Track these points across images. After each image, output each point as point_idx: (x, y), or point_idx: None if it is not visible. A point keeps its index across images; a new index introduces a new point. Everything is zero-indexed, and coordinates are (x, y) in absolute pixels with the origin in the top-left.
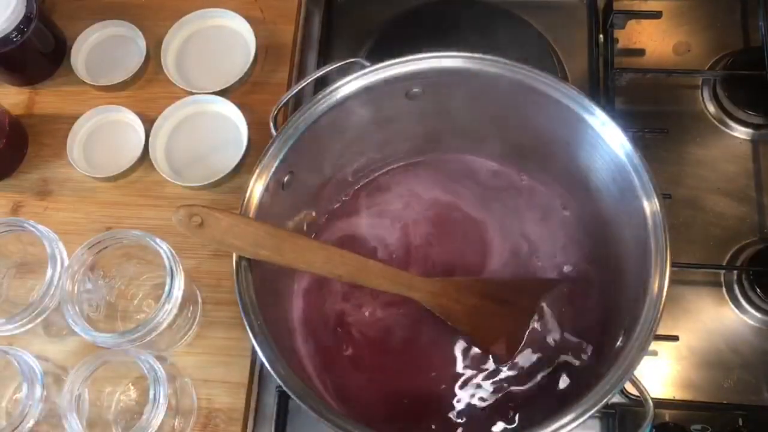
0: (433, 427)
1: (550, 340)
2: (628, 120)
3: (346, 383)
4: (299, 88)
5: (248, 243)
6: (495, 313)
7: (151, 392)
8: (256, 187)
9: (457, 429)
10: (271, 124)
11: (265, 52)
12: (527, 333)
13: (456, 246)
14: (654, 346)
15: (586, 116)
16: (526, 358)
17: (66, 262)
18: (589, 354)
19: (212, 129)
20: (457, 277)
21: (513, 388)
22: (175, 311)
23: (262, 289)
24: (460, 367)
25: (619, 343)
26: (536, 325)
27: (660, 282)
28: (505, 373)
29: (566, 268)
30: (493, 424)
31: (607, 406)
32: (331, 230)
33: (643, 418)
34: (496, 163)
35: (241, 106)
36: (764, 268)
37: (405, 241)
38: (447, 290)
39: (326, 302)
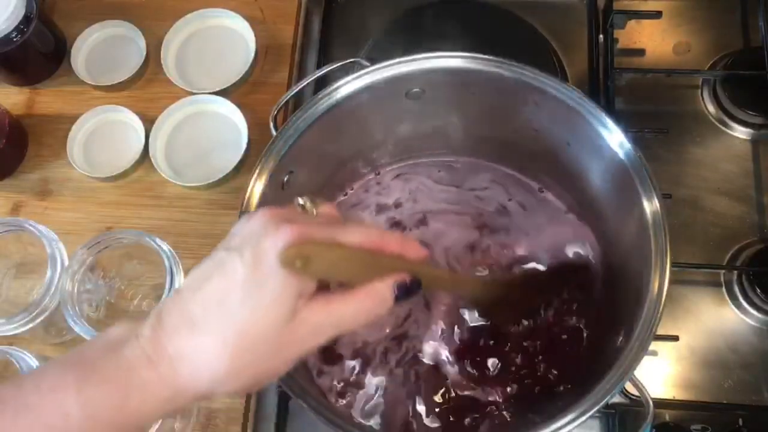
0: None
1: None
2: (628, 120)
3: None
4: (299, 88)
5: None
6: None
7: None
8: (256, 187)
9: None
10: (271, 124)
11: (265, 52)
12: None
13: (456, 244)
14: (654, 346)
15: (586, 116)
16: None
17: (66, 262)
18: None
19: (212, 129)
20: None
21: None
22: None
23: None
24: (465, 366)
25: (619, 343)
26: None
27: (660, 282)
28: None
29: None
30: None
31: (607, 406)
32: None
33: (643, 418)
34: (496, 163)
35: (241, 106)
36: (764, 268)
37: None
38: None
39: None
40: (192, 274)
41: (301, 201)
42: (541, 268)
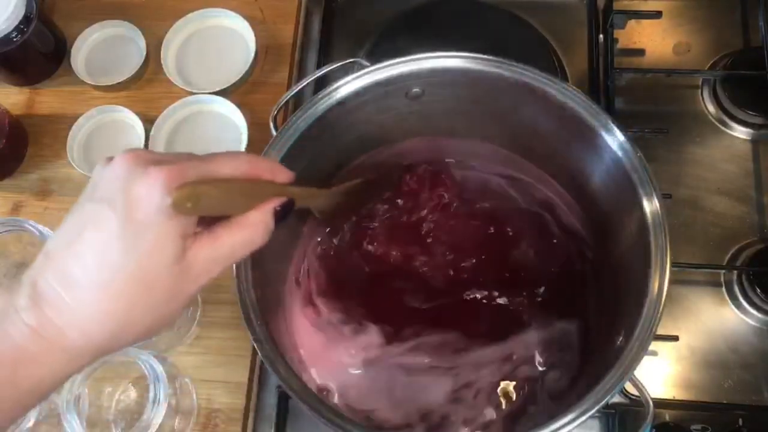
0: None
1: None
2: (628, 120)
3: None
4: (299, 88)
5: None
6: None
7: (151, 392)
8: None
9: None
10: (271, 124)
11: (265, 52)
12: None
13: (458, 241)
14: (654, 346)
15: (586, 116)
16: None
17: None
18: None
19: (212, 129)
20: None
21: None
22: None
23: (262, 289)
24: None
25: (619, 343)
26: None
27: (660, 282)
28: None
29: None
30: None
31: (607, 406)
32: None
33: (643, 418)
34: (496, 163)
35: (241, 106)
36: (764, 268)
37: (406, 240)
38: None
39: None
40: (57, 234)
41: None
42: None
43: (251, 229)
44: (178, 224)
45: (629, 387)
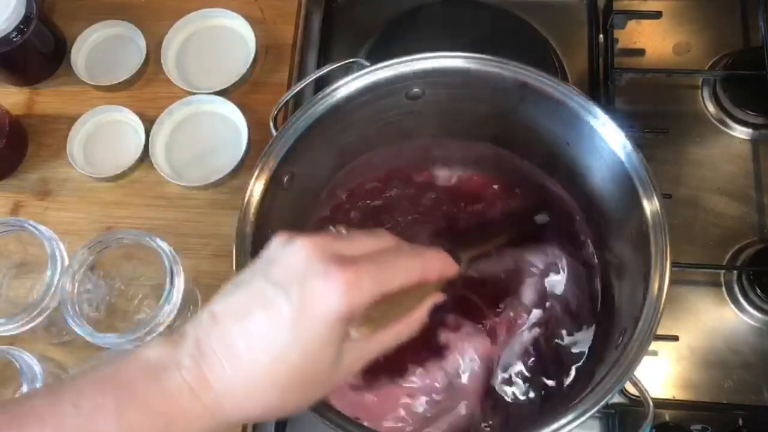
0: None
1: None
2: (628, 120)
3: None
4: (299, 88)
5: None
6: None
7: None
8: (256, 187)
9: None
10: (271, 124)
11: (265, 52)
12: None
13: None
14: (654, 346)
15: (586, 116)
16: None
17: (66, 262)
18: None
19: (212, 129)
20: None
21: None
22: (174, 312)
23: None
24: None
25: (619, 343)
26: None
27: (660, 282)
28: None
29: (565, 268)
30: None
31: (607, 406)
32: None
33: (643, 418)
34: (496, 163)
35: (241, 106)
36: (764, 268)
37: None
38: None
39: None
40: (228, 299)
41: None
42: None
43: (407, 325)
44: (345, 329)
45: (629, 387)
